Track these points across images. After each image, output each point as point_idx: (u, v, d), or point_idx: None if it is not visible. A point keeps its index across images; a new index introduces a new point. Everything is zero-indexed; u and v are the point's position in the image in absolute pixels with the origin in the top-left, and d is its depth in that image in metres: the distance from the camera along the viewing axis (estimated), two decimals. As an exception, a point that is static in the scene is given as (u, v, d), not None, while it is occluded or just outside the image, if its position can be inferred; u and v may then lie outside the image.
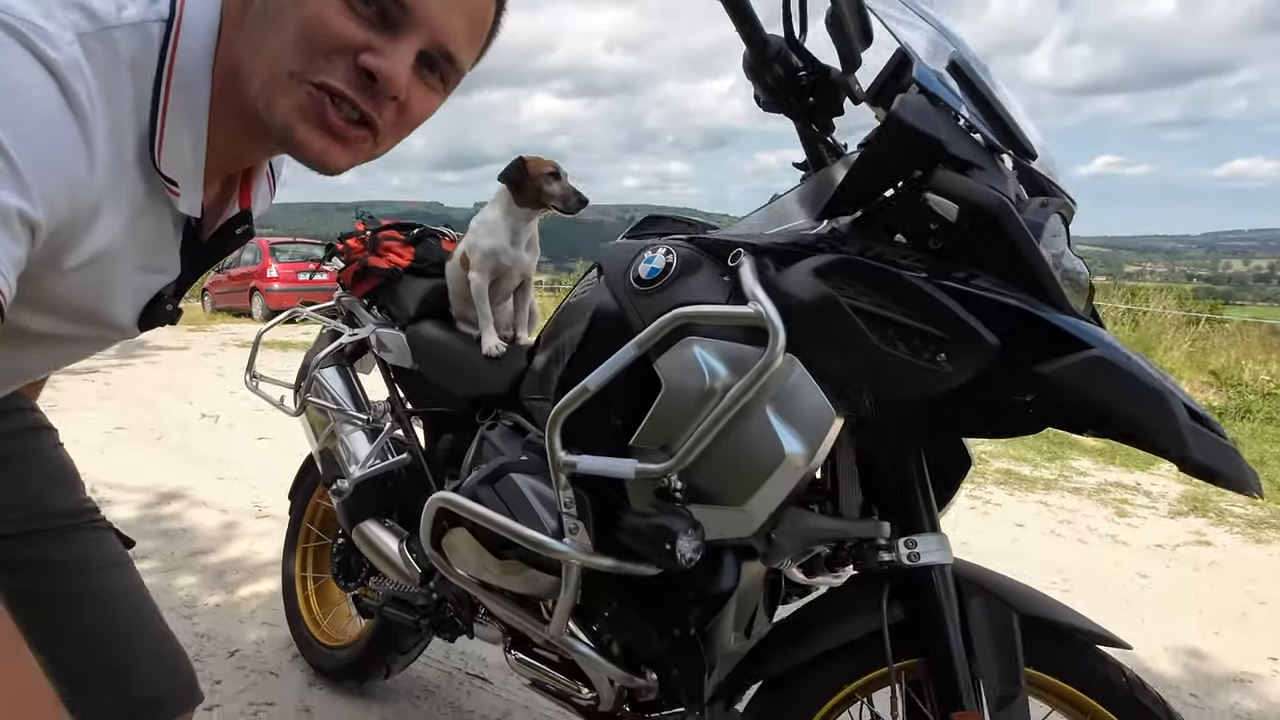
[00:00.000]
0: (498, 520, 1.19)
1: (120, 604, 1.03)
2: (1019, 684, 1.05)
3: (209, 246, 0.81)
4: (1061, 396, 0.95)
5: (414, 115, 0.72)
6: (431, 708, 2.00)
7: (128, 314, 0.79)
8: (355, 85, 0.66)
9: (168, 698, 1.02)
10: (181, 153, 0.69)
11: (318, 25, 0.63)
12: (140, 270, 0.76)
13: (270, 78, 0.65)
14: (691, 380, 1.07)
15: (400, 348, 1.85)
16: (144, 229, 0.72)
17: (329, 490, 1.86)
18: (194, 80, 0.68)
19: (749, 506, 1.06)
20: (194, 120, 0.69)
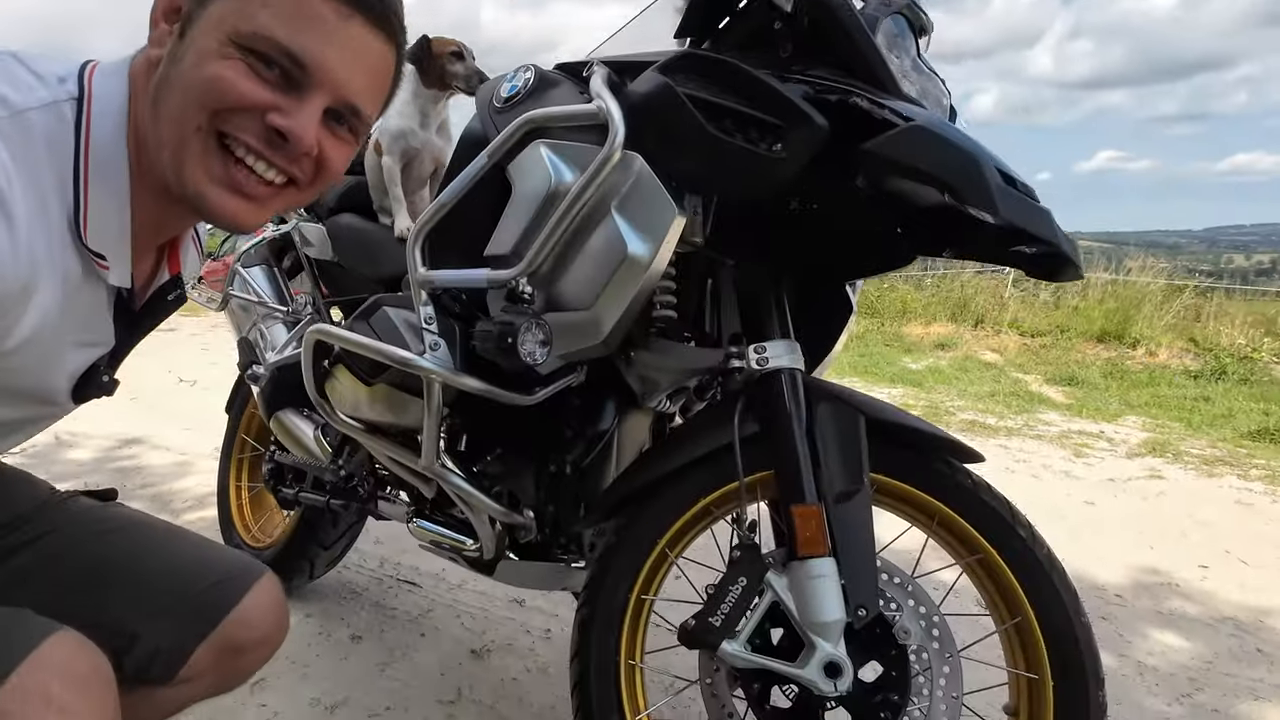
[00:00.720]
0: (364, 343, 1.20)
1: (140, 527, 1.01)
2: (862, 482, 1.06)
3: (142, 315, 0.84)
4: (885, 170, 0.97)
5: (332, 168, 0.76)
6: (355, 605, 2.01)
7: (63, 388, 0.80)
8: (266, 142, 0.69)
9: (228, 575, 0.98)
10: (107, 227, 0.71)
11: (222, 86, 0.66)
12: (77, 345, 0.77)
13: (178, 142, 0.67)
14: (538, 181, 1.08)
15: (321, 239, 1.86)
16: (77, 304, 0.73)
17: (245, 376, 1.88)
18: (110, 155, 0.70)
19: (596, 310, 1.08)
20: (116, 195, 0.71)
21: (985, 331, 7.47)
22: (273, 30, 0.66)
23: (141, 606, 0.93)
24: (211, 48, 0.66)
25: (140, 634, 0.92)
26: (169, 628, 0.93)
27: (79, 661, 0.68)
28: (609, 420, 1.34)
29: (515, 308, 1.08)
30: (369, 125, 0.77)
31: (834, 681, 0.99)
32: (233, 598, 0.97)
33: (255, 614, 0.98)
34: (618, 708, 1.10)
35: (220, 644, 0.96)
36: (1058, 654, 1.00)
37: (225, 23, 0.66)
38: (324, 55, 0.68)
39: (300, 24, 0.67)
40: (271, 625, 1.01)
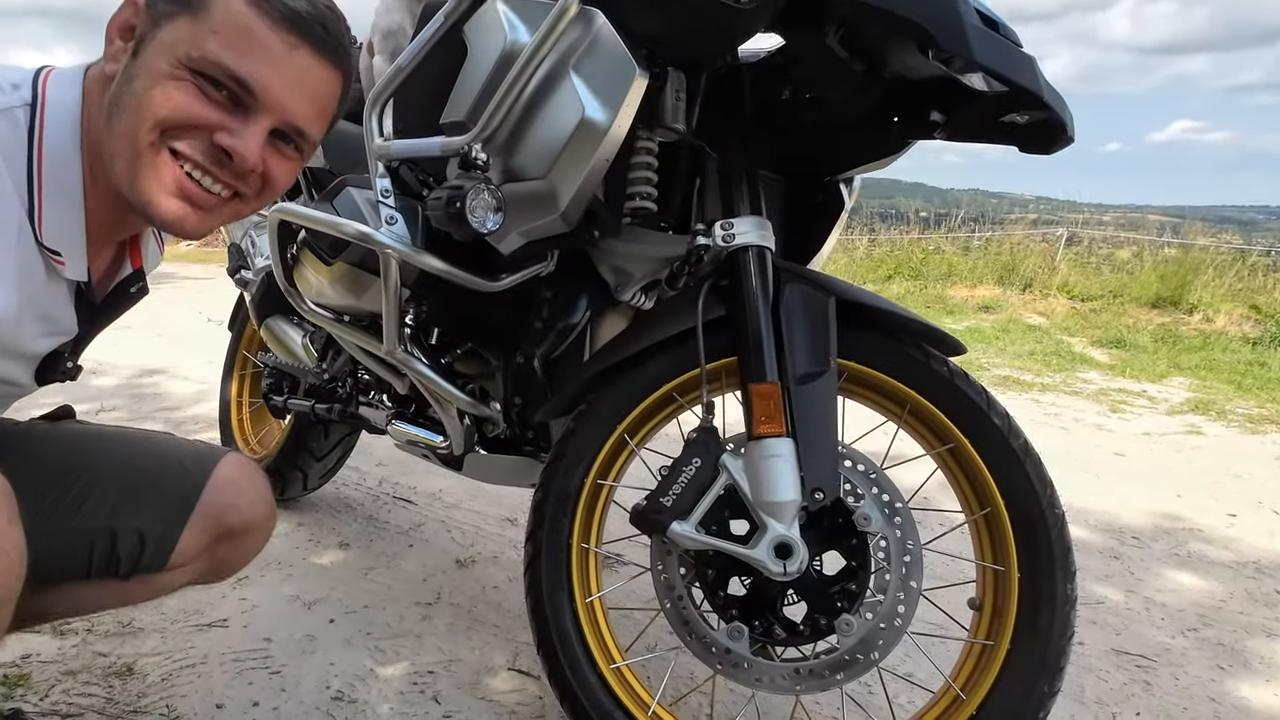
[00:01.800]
0: (321, 218, 1.17)
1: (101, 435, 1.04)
2: (827, 364, 1.00)
3: (104, 306, 0.87)
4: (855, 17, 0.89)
5: (277, 183, 0.80)
6: (349, 518, 2.02)
7: (25, 371, 0.84)
8: (213, 160, 0.73)
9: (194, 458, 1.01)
10: (62, 227, 0.75)
11: (172, 106, 0.70)
12: (40, 334, 0.81)
13: (131, 154, 0.71)
14: (494, 41, 1.03)
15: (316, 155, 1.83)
16: (38, 296, 0.77)
17: (235, 281, 1.87)
18: (63, 160, 0.74)
19: (551, 178, 1.02)
20: (70, 196, 0.74)
21: (1033, 295, 7.23)
22: (220, 57, 0.70)
23: (117, 503, 0.96)
24: (163, 69, 0.70)
25: (119, 529, 0.95)
26: (149, 516, 0.96)
27: None
28: (580, 313, 1.28)
29: (467, 174, 1.03)
30: (315, 145, 0.82)
31: (784, 563, 0.94)
32: (201, 478, 0.99)
33: (228, 489, 1.00)
34: (566, 588, 1.06)
35: (206, 527, 0.98)
36: (1027, 545, 0.94)
37: (177, 47, 0.70)
38: (270, 81, 0.72)
39: (248, 52, 0.71)
40: (251, 505, 1.02)
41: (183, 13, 0.71)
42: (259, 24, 0.71)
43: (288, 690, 1.28)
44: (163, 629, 1.42)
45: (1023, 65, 0.85)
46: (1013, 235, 8.74)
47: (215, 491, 0.99)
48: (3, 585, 0.67)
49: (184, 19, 0.71)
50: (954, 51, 0.83)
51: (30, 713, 1.18)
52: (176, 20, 0.71)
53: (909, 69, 1.01)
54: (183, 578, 1.02)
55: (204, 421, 2.86)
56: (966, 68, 0.88)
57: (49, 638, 1.35)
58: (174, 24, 0.71)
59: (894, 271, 8.25)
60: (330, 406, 1.65)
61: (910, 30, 0.85)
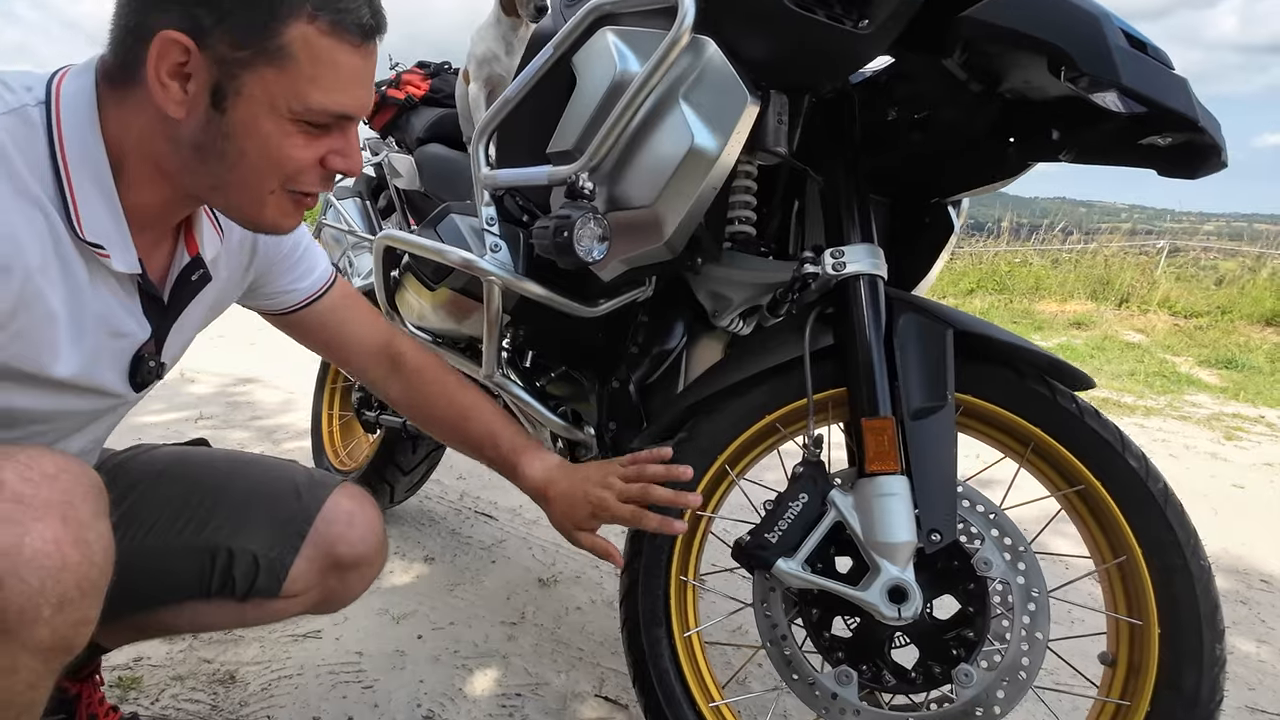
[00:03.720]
0: (426, 245, 1.18)
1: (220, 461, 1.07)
2: (944, 398, 0.95)
3: (171, 300, 0.86)
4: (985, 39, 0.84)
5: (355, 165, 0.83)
6: (433, 531, 2.04)
7: (116, 379, 0.84)
8: (323, 181, 0.78)
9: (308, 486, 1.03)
10: (98, 217, 0.73)
11: (292, 161, 0.74)
12: (109, 336, 0.80)
13: (254, 200, 0.77)
14: (603, 71, 1.02)
15: (409, 170, 1.87)
16: (92, 298, 0.77)
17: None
18: (86, 148, 0.72)
19: (658, 207, 1.00)
20: (99, 184, 0.73)
21: (1130, 311, 6.89)
22: (325, 104, 0.73)
23: (235, 525, 0.98)
24: (272, 129, 0.72)
25: (235, 550, 0.97)
26: (263, 541, 0.99)
27: (45, 461, 0.69)
28: (677, 339, 1.26)
29: (574, 203, 1.02)
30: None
31: (898, 607, 0.89)
32: (314, 506, 1.01)
33: (340, 520, 1.01)
34: (664, 622, 1.04)
35: (317, 556, 1.00)
36: (1168, 599, 0.86)
37: (277, 103, 0.71)
38: (359, 98, 0.76)
39: (344, 85, 0.74)
40: (362, 538, 1.03)
41: (262, 62, 0.70)
42: (342, 51, 0.72)
43: (380, 706, 1.29)
44: (261, 638, 1.45)
45: (1175, 88, 0.79)
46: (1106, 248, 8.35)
47: (327, 521, 1.00)
48: (84, 576, 0.66)
49: (268, 70, 0.70)
50: (1099, 76, 0.78)
51: (144, 716, 1.22)
52: (259, 71, 0.70)
53: (1034, 89, 0.96)
54: (296, 606, 1.03)
55: (292, 431, 2.94)
56: (1096, 86, 0.82)
57: (158, 642, 1.40)
58: (258, 76, 0.70)
59: (977, 285, 7.98)
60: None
61: (1050, 54, 0.80)
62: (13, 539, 0.62)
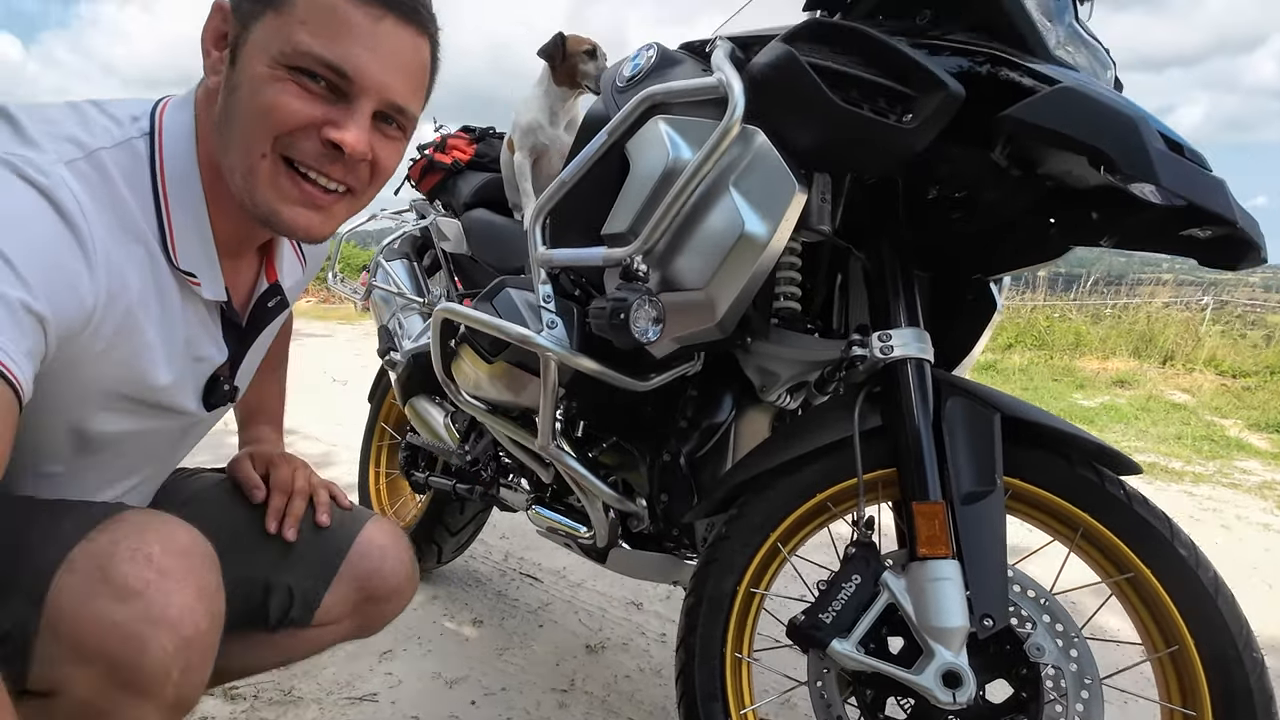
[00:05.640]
0: (485, 320, 1.24)
1: None
2: (993, 483, 0.97)
3: (249, 325, 0.90)
4: (1029, 135, 0.88)
5: (385, 167, 0.80)
6: (479, 593, 2.06)
7: (190, 399, 0.88)
8: (324, 158, 0.74)
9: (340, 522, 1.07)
10: (192, 247, 0.77)
11: (277, 110, 0.71)
12: (192, 359, 0.85)
13: (247, 169, 0.74)
14: (656, 158, 1.07)
15: (456, 234, 1.95)
16: (181, 322, 0.81)
17: (384, 362, 1.98)
18: (185, 180, 0.76)
19: (710, 290, 1.05)
20: (195, 214, 0.77)
21: (1174, 370, 6.75)
22: (311, 46, 0.70)
23: (271, 558, 1.01)
24: (262, 73, 0.71)
25: (273, 583, 1.00)
26: (298, 574, 1.02)
27: (180, 534, 0.74)
28: (725, 412, 1.30)
29: (629, 285, 1.07)
30: (415, 121, 0.81)
31: (953, 692, 0.90)
32: (346, 540, 1.05)
33: (374, 553, 1.05)
34: (721, 699, 1.05)
35: (351, 588, 1.03)
36: (1222, 691, 0.86)
37: (270, 46, 0.71)
38: (363, 62, 0.72)
39: (336, 35, 0.71)
40: (395, 571, 1.06)
41: (267, 9, 0.71)
42: (348, 7, 0.71)
43: (433, 773, 1.31)
44: (319, 699, 1.48)
45: (1213, 189, 0.82)
46: (1150, 304, 8.23)
47: (361, 555, 1.04)
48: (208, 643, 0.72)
49: (269, 16, 0.71)
50: (1138, 178, 0.82)
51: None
52: (263, 19, 0.71)
53: (1074, 178, 0.99)
54: (329, 636, 1.06)
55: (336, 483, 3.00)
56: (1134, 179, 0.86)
57: (221, 701, 1.44)
58: (261, 23, 0.71)
59: (1015, 340, 7.89)
60: (471, 487, 1.72)
61: (1090, 156, 0.84)
62: (159, 608, 0.68)
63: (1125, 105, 0.84)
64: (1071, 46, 1.01)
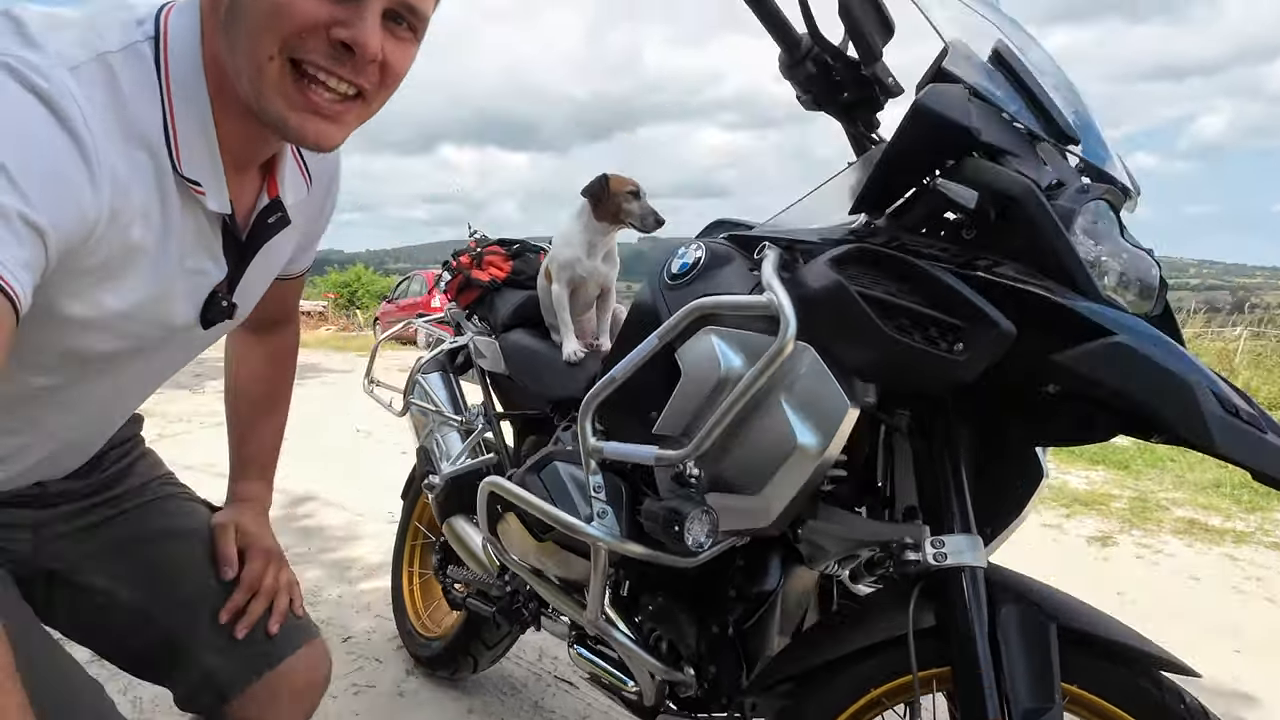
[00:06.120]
0: (535, 503, 1.26)
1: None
2: (1052, 699, 0.98)
3: (249, 241, 0.88)
4: (1081, 387, 0.90)
5: (396, 70, 0.77)
6: (515, 704, 2.08)
7: (188, 314, 0.86)
8: (333, 59, 0.71)
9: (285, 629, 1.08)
10: (197, 153, 0.75)
11: (285, 9, 0.68)
12: (187, 273, 0.82)
13: (254, 71, 0.71)
14: (708, 369, 1.09)
15: (494, 354, 1.97)
16: (183, 232, 0.79)
17: (423, 485, 2.00)
18: (191, 85, 0.74)
19: (764, 496, 1.07)
20: (201, 120, 0.75)
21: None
22: None
23: (206, 636, 1.04)
24: None
25: (194, 658, 1.03)
26: (223, 663, 1.04)
27: None
28: (773, 580, 1.31)
29: (683, 491, 1.09)
30: (426, 22, 0.78)
31: None
32: (281, 652, 1.07)
33: (301, 673, 1.08)
34: None
35: (263, 694, 1.05)
36: None
37: None
38: None
39: None
40: (312, 685, 1.09)
41: None
42: None
43: None
44: None
45: (1269, 455, 0.83)
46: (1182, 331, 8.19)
47: (288, 673, 1.06)
48: None
49: None
50: (1193, 444, 0.83)
51: None
52: None
53: None
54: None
55: (364, 567, 3.02)
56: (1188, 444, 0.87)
57: None
58: None
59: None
60: (511, 617, 1.73)
61: (1143, 414, 0.86)
62: None
63: (1178, 363, 0.85)
64: (1119, 258, 1.02)
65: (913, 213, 1.08)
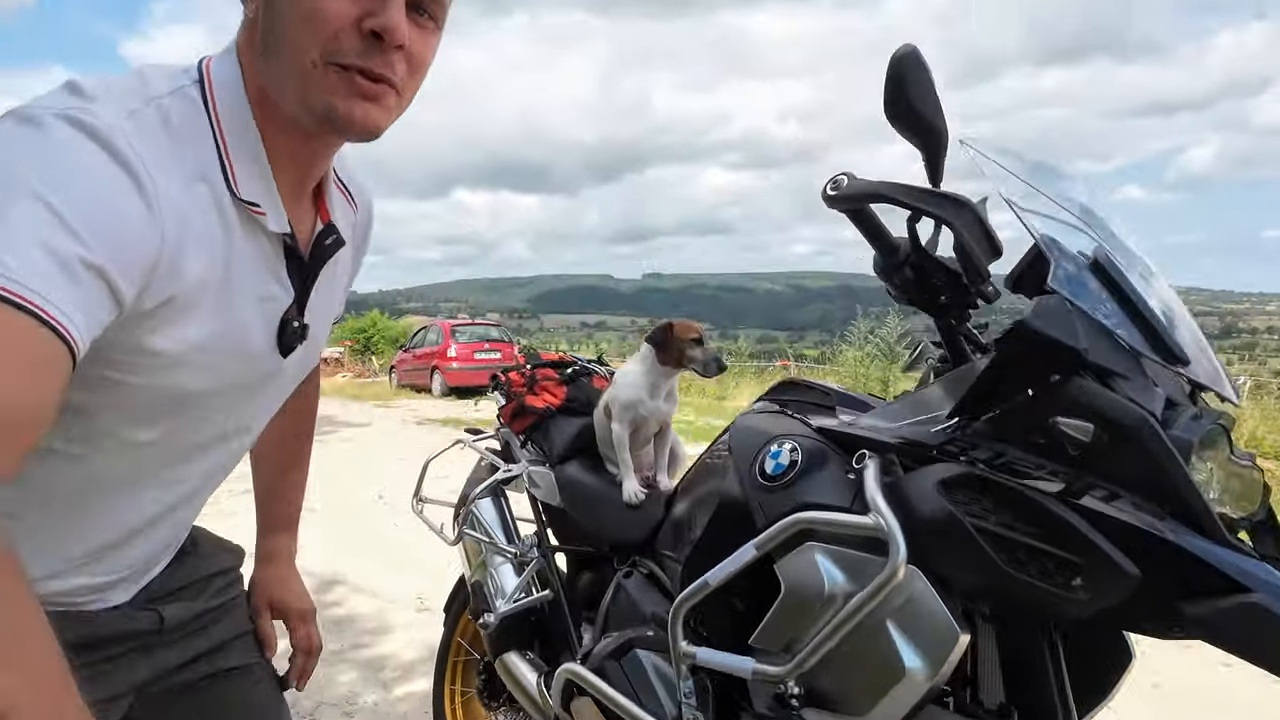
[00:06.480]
0: (620, 701, 1.24)
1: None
2: None
3: (311, 263, 0.91)
4: (1209, 640, 0.88)
5: (420, 59, 0.81)
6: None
7: (265, 341, 0.88)
8: (365, 53, 0.75)
9: None
10: (252, 176, 0.80)
11: (318, 13, 0.73)
12: (259, 300, 0.85)
13: (299, 79, 0.75)
14: (811, 585, 1.08)
15: (549, 485, 1.95)
16: (246, 259, 0.82)
17: (476, 623, 1.97)
18: (238, 113, 0.79)
19: (870, 718, 1.04)
20: (251, 145, 0.80)
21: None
22: None
23: None
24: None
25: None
26: None
27: None
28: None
29: (784, 713, 1.07)
30: (445, 10, 0.82)
31: None
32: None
33: None
34: None
35: None
36: None
37: None
38: None
39: None
40: None
41: None
42: None
43: None
44: None
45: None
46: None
47: None
48: None
49: None
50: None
51: None
52: None
53: None
54: None
55: (400, 665, 2.98)
56: None
57: None
58: None
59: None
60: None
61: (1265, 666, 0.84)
62: None
63: None
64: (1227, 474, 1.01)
65: (1015, 421, 1.06)
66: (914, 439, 1.11)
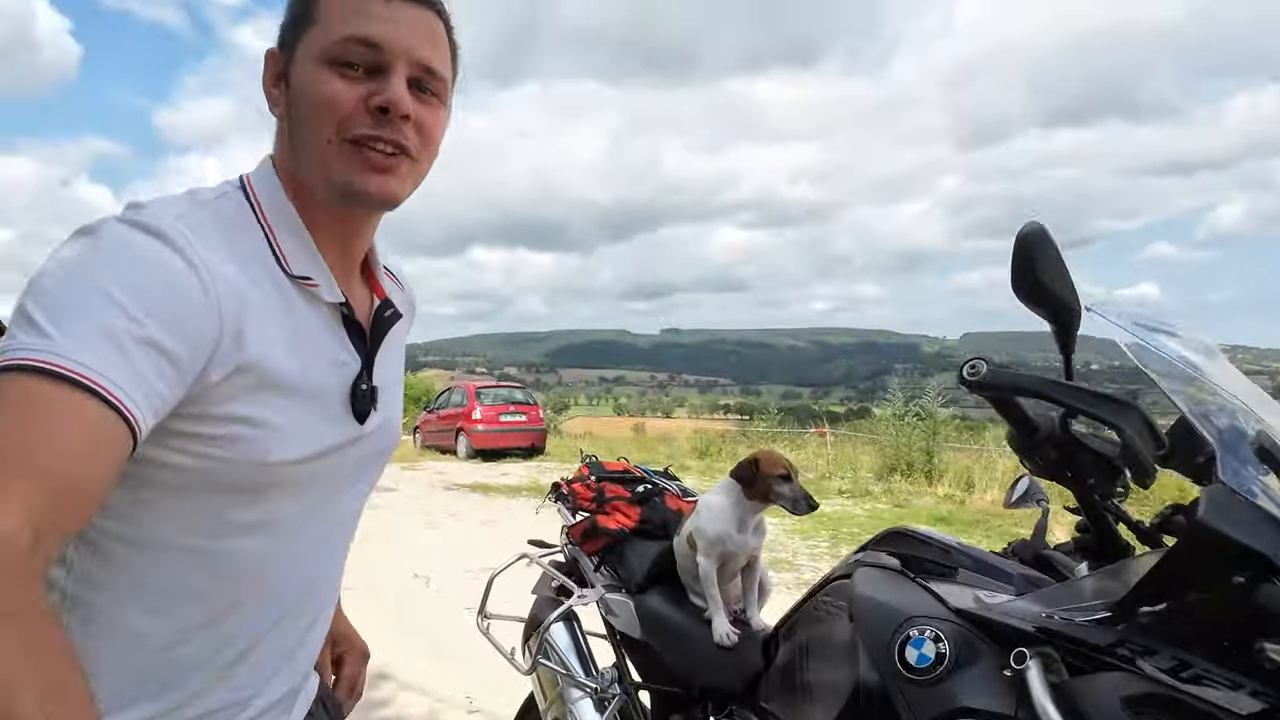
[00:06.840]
0: None
1: None
2: None
3: (373, 331, 0.95)
4: None
5: (429, 130, 0.88)
6: None
7: (342, 408, 0.90)
8: (375, 125, 0.83)
9: None
10: (299, 252, 0.85)
11: (329, 98, 0.82)
12: (330, 366, 0.88)
13: (320, 157, 0.83)
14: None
15: (629, 616, 1.87)
16: (311, 329, 0.86)
17: (557, 767, 1.88)
18: (279, 203, 0.86)
19: None
20: (294, 226, 0.86)
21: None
22: (342, 32, 0.81)
23: None
24: (311, 77, 0.82)
25: None
26: None
27: None
28: None
29: None
30: (447, 86, 0.90)
31: None
32: None
33: None
34: None
35: None
36: None
37: (312, 53, 0.82)
38: (386, 30, 0.82)
39: (359, 16, 0.82)
40: None
41: (303, 28, 0.84)
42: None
43: None
44: None
45: None
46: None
47: None
48: None
49: (306, 33, 0.83)
50: None
51: None
52: (303, 37, 0.84)
53: None
54: None
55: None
56: None
57: None
58: (302, 42, 0.83)
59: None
60: None
61: None
62: None
63: None
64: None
65: (1189, 618, 0.98)
66: (1076, 636, 1.03)
